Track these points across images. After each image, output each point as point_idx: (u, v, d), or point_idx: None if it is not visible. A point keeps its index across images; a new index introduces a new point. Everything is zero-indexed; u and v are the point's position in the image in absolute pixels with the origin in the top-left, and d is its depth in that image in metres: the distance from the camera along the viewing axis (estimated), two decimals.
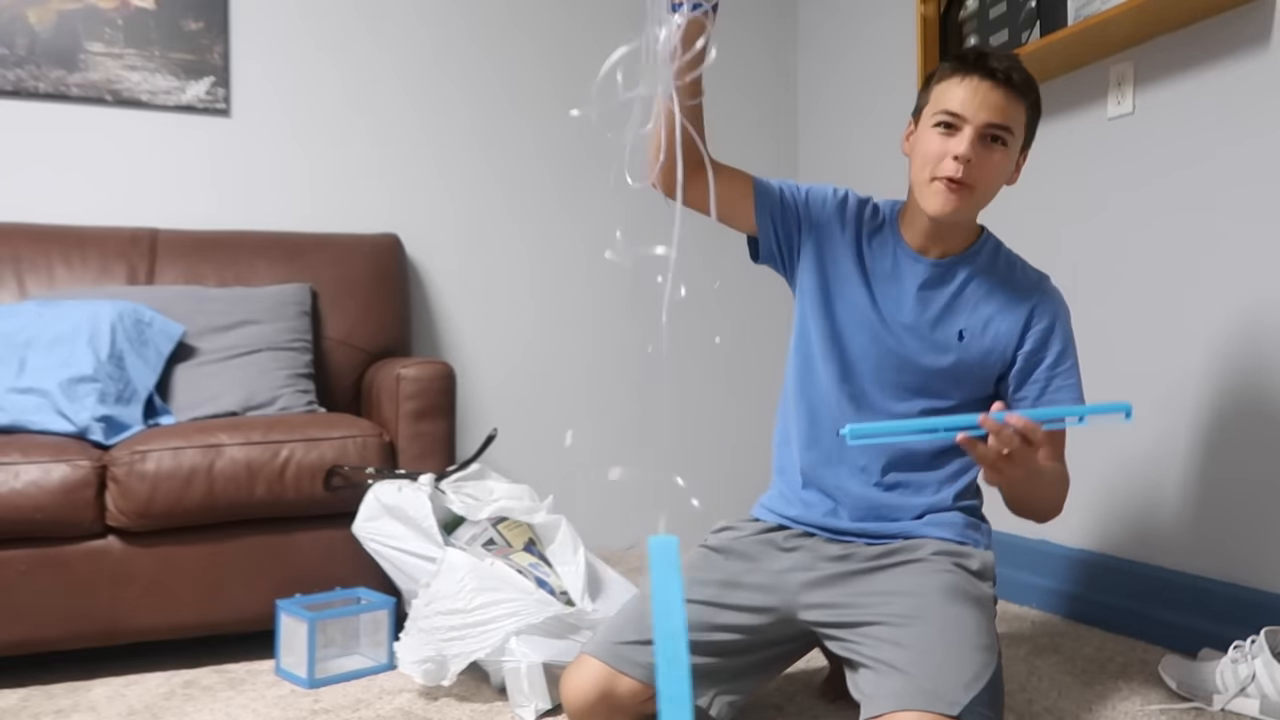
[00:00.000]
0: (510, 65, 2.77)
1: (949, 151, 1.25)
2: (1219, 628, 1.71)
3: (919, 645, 1.13)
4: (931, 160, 1.27)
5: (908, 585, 1.24)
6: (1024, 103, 1.27)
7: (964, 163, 1.24)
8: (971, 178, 1.25)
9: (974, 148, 1.24)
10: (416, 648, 1.55)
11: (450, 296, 2.70)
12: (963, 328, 1.34)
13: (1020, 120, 1.28)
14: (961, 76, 1.25)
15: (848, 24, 2.85)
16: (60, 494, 1.63)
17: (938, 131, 1.26)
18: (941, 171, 1.25)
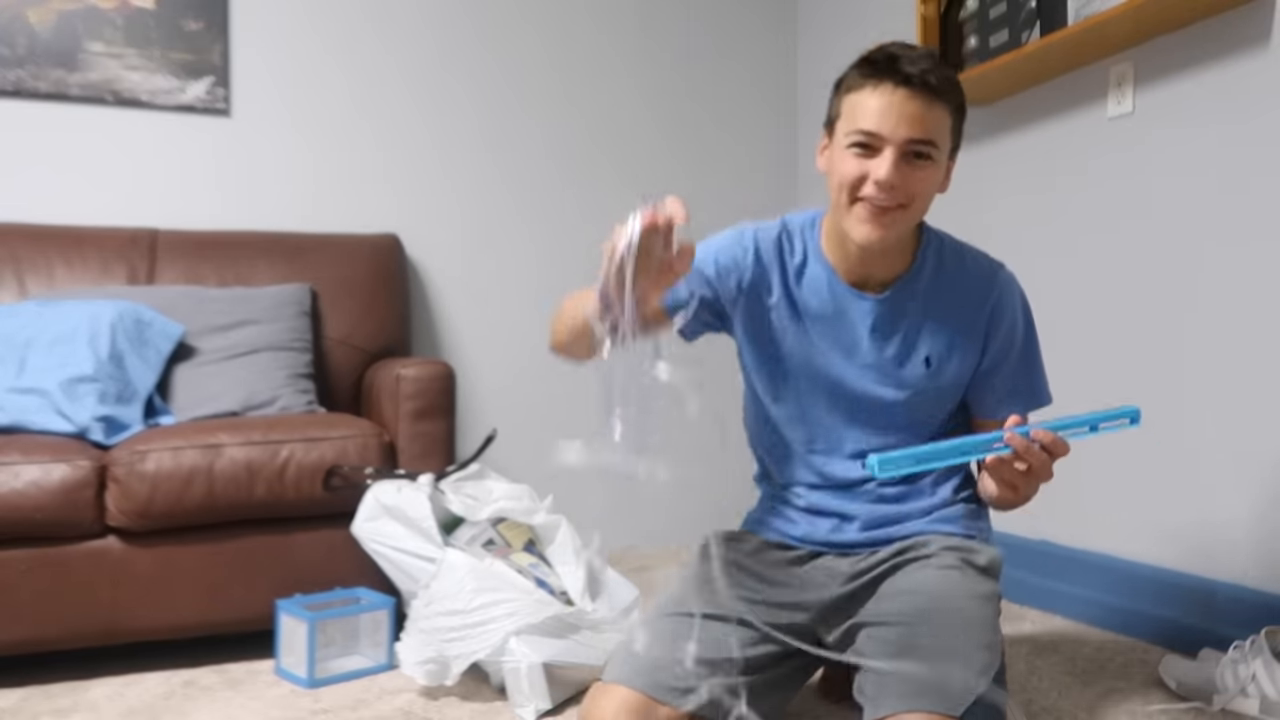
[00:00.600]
0: (510, 65, 2.77)
1: (869, 174, 1.13)
2: (1219, 628, 1.71)
3: (921, 645, 1.13)
4: (851, 183, 1.15)
5: (912, 584, 1.23)
6: (947, 107, 1.14)
7: (888, 188, 1.12)
8: (900, 199, 1.14)
9: (897, 169, 1.12)
10: (417, 648, 1.55)
11: (450, 296, 2.70)
12: (928, 354, 1.26)
13: (945, 127, 1.15)
14: (874, 86, 1.12)
15: (848, 24, 2.85)
16: (60, 494, 1.63)
17: (854, 152, 1.14)
18: (864, 194, 1.14)
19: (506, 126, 2.76)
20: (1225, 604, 1.73)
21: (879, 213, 1.14)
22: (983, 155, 2.35)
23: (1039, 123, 2.18)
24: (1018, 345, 1.29)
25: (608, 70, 2.88)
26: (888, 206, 1.14)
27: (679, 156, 2.95)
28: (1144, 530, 1.92)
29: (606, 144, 2.87)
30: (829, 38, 2.94)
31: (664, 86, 2.94)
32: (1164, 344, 1.88)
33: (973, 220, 2.37)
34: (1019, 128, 2.23)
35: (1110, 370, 1.99)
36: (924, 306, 1.26)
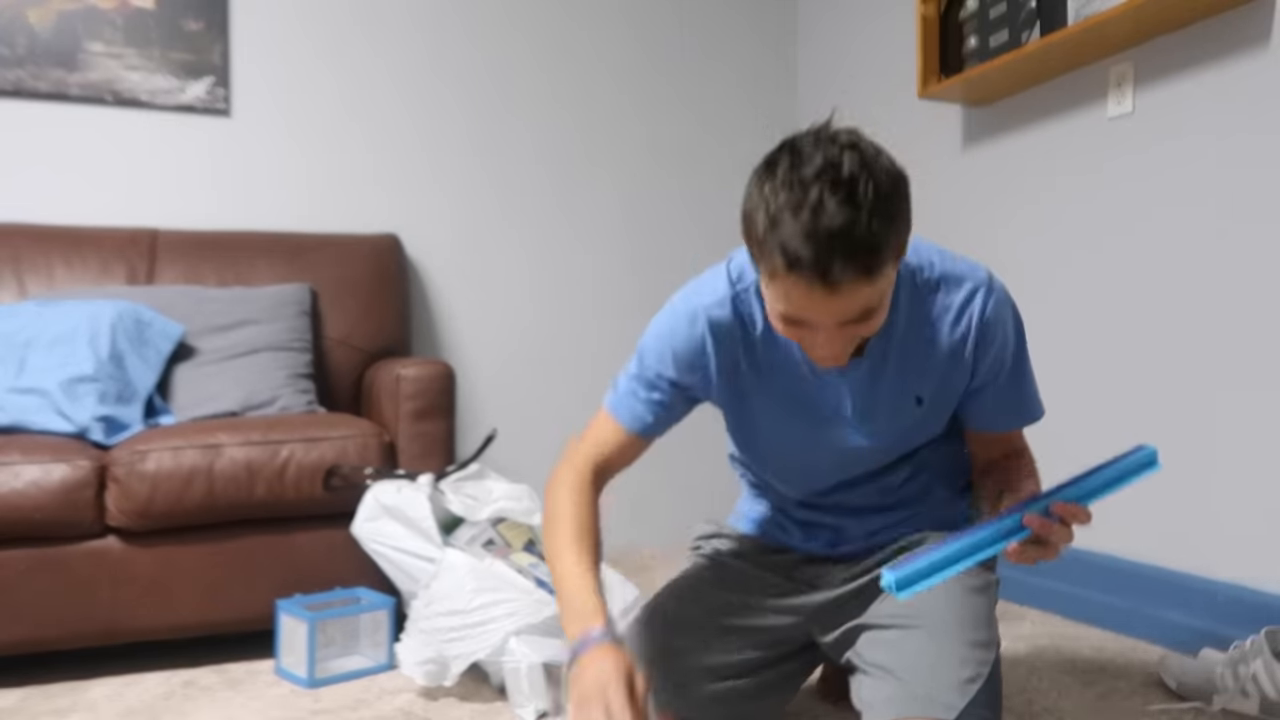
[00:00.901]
0: (510, 66, 2.77)
1: (810, 344, 1.00)
2: (1219, 628, 1.71)
3: (913, 648, 1.12)
4: (792, 338, 1.01)
5: None
6: (883, 268, 0.93)
7: (833, 360, 1.00)
8: (852, 346, 1.01)
9: (839, 343, 0.98)
10: (418, 649, 1.55)
11: (450, 296, 2.70)
12: (918, 394, 1.16)
13: (875, 289, 0.94)
14: (788, 285, 0.93)
15: (848, 24, 2.85)
16: (60, 494, 1.63)
17: (783, 323, 0.99)
18: (813, 355, 1.02)
19: (507, 127, 2.76)
20: (1225, 604, 1.73)
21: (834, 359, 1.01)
22: (983, 155, 2.35)
23: (1039, 123, 2.18)
24: (1008, 363, 1.17)
25: (606, 71, 2.88)
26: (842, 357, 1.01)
27: (677, 158, 2.95)
28: (1144, 530, 1.92)
29: (605, 145, 2.87)
30: (829, 40, 2.94)
31: (663, 88, 2.94)
32: (1163, 343, 1.88)
33: (972, 221, 2.37)
34: (1019, 128, 2.23)
35: (1110, 372, 1.99)
36: (903, 353, 1.14)
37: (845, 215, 0.89)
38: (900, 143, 2.62)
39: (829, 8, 2.95)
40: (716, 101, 2.99)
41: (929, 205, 2.52)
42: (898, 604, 1.19)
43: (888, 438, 1.19)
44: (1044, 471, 1.23)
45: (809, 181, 0.90)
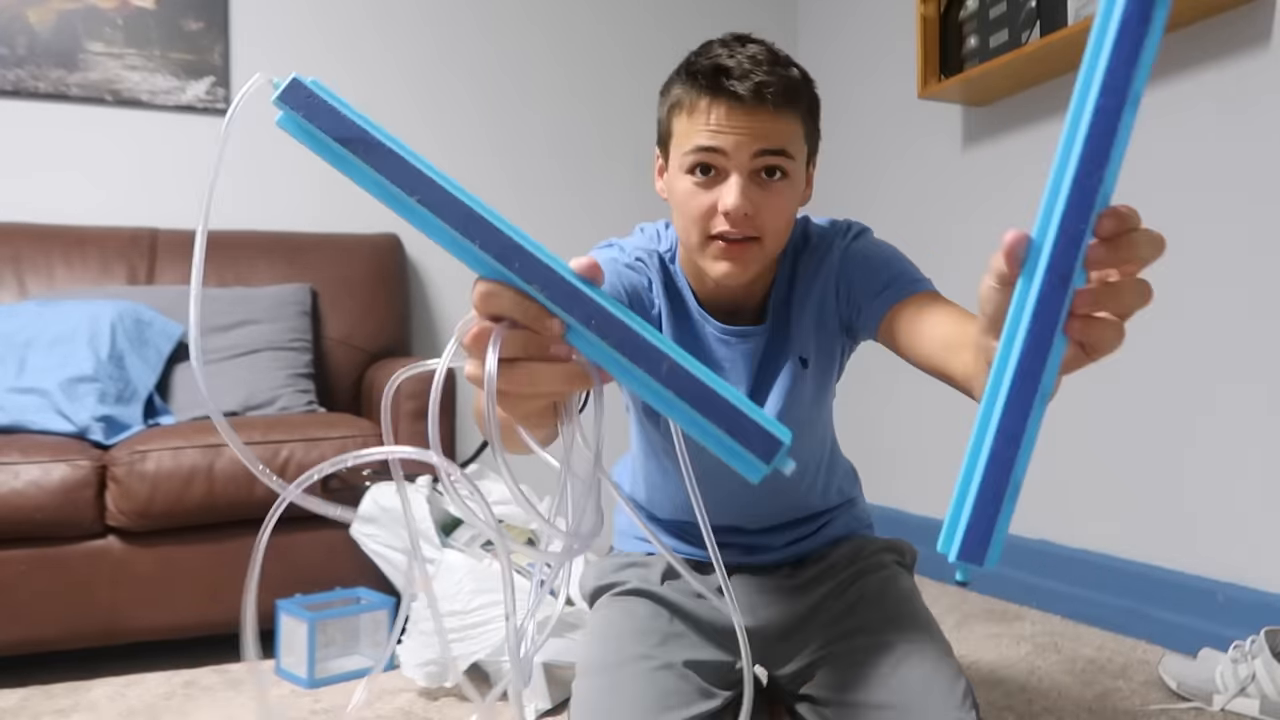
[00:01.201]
0: (511, 65, 2.77)
1: (717, 205, 0.95)
2: (1219, 628, 1.71)
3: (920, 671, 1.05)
4: (699, 219, 0.96)
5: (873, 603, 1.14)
6: (795, 112, 0.96)
7: (740, 218, 0.94)
8: (756, 228, 0.96)
9: (748, 194, 0.94)
10: (418, 650, 1.56)
11: (450, 296, 2.70)
12: (802, 354, 1.10)
13: (797, 134, 0.97)
14: (705, 105, 0.93)
15: (847, 24, 2.85)
16: (60, 494, 1.63)
17: (695, 178, 0.96)
18: (715, 230, 0.96)
19: (508, 126, 2.76)
20: (1225, 604, 1.73)
21: (737, 249, 0.96)
22: (983, 155, 2.35)
23: (1039, 123, 2.18)
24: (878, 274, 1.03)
25: (608, 70, 2.88)
26: (745, 238, 0.96)
27: None
28: (1144, 530, 1.92)
29: (607, 144, 2.87)
30: (829, 39, 2.94)
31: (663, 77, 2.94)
32: (1162, 342, 1.88)
33: (972, 221, 2.37)
34: (1019, 128, 2.23)
35: (1109, 370, 1.99)
36: (795, 315, 1.09)
37: (767, 49, 0.96)
38: (900, 143, 2.62)
39: (829, 8, 2.95)
40: None
41: (929, 205, 2.52)
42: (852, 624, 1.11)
43: (775, 406, 1.10)
44: (1044, 468, 1.21)
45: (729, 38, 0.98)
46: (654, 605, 1.15)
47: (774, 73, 0.94)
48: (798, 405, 1.11)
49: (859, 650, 1.10)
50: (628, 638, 1.10)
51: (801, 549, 1.24)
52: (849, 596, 1.18)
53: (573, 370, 0.52)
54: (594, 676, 1.08)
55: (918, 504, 2.53)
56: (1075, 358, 0.55)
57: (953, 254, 2.43)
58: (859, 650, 1.10)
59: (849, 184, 2.79)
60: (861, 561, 1.21)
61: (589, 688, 1.07)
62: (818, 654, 1.14)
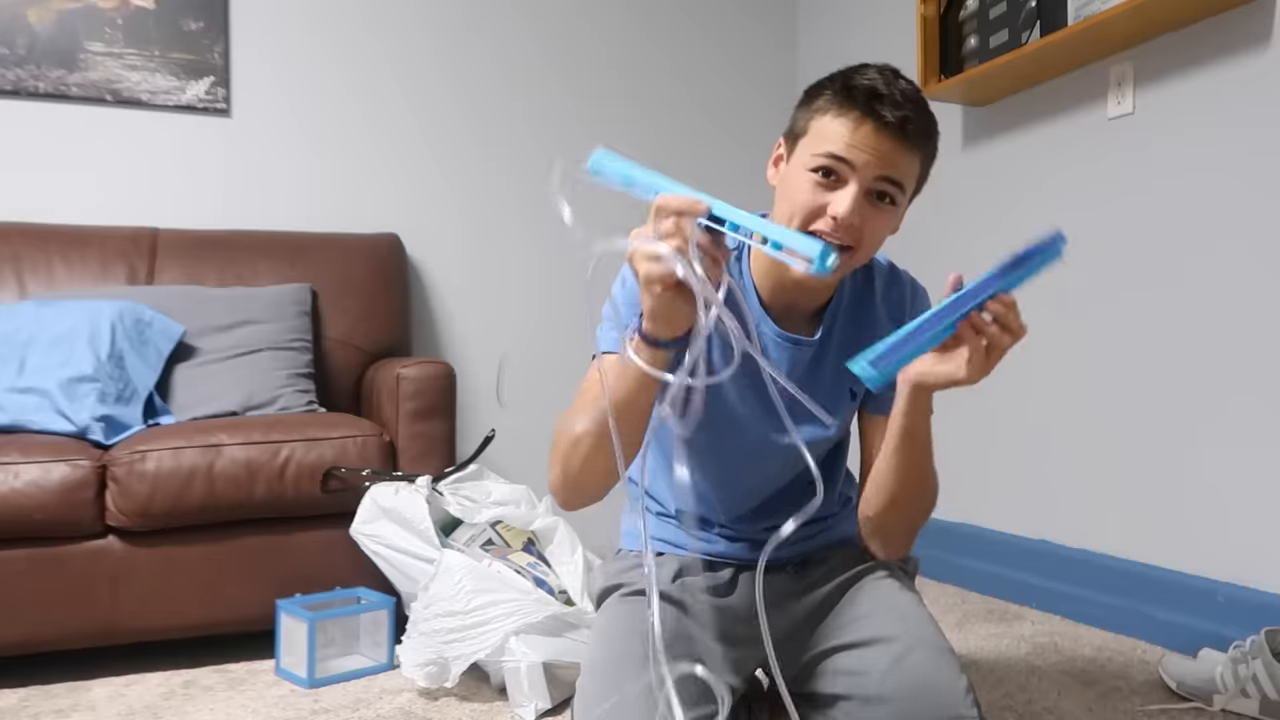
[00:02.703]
0: (511, 65, 2.77)
1: (828, 208, 1.02)
2: (1219, 628, 1.71)
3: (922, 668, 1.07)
4: (805, 211, 1.03)
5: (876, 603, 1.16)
6: (920, 154, 1.08)
7: (845, 227, 1.01)
8: (854, 239, 1.03)
9: (859, 208, 1.02)
10: (418, 651, 1.55)
11: (450, 296, 2.70)
12: (852, 386, 1.17)
13: (914, 172, 1.07)
14: (850, 117, 1.02)
15: (848, 24, 2.85)
16: (60, 494, 1.63)
17: (815, 177, 1.03)
18: (817, 228, 1.03)
19: (507, 126, 2.76)
20: (1225, 604, 1.73)
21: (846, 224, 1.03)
22: (983, 155, 2.34)
23: (1039, 123, 2.18)
24: None
25: (607, 71, 2.88)
26: (841, 246, 1.03)
27: (678, 158, 2.95)
28: (1143, 530, 1.92)
29: (606, 143, 2.87)
30: (829, 39, 2.93)
31: (663, 88, 2.94)
32: (1162, 342, 1.88)
33: (972, 221, 2.37)
34: (1019, 128, 2.23)
35: (1109, 370, 1.99)
36: (846, 337, 1.16)
37: (917, 91, 1.05)
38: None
39: (829, 8, 2.95)
40: (718, 102, 2.99)
41: (929, 205, 2.52)
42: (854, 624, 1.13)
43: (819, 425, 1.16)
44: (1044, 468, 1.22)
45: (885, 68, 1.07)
46: (661, 605, 1.15)
47: (918, 114, 1.05)
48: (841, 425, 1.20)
49: (860, 647, 1.11)
50: (633, 638, 1.10)
51: (806, 548, 1.25)
52: (851, 597, 1.20)
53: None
54: (598, 676, 1.08)
55: None
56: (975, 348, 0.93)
57: (952, 254, 2.42)
58: (860, 647, 1.11)
59: None
60: (864, 564, 1.23)
61: (592, 687, 1.08)
62: (820, 652, 1.15)
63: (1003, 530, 2.26)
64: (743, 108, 3.01)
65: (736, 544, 1.25)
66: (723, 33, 3.01)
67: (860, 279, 1.21)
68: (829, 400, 1.17)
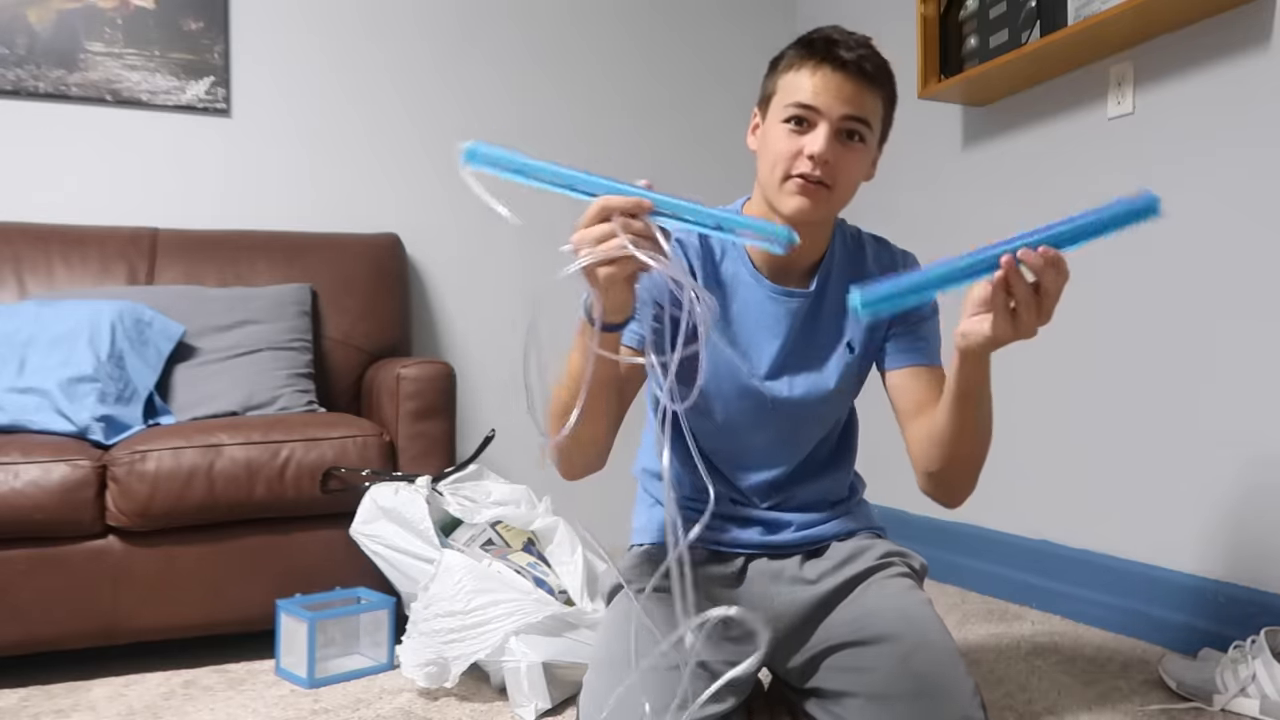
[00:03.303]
0: (510, 65, 2.77)
1: (804, 149, 1.12)
2: (1219, 628, 1.71)
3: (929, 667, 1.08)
4: (784, 159, 1.13)
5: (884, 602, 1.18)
6: (880, 94, 1.15)
7: (820, 162, 1.11)
8: (830, 177, 1.12)
9: (831, 145, 1.11)
10: (418, 651, 1.55)
11: (450, 296, 2.70)
12: (849, 339, 1.24)
13: (877, 112, 1.16)
14: (813, 67, 1.12)
15: (848, 24, 2.84)
16: (60, 494, 1.63)
17: (789, 127, 1.13)
18: (797, 170, 1.12)
19: (507, 126, 2.76)
20: (1225, 604, 1.73)
21: (810, 189, 1.12)
22: (983, 155, 2.35)
23: (1039, 123, 2.18)
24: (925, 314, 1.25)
25: (606, 70, 2.88)
26: (821, 181, 1.12)
27: (677, 159, 2.95)
28: (1143, 530, 1.92)
29: (605, 144, 2.87)
30: None
31: (663, 91, 2.94)
32: (1162, 342, 1.88)
33: (972, 221, 2.37)
34: (1019, 128, 2.23)
35: (1109, 370, 1.99)
36: (839, 294, 1.23)
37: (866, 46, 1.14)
38: (900, 143, 2.62)
39: (829, 8, 2.95)
40: (717, 104, 2.99)
41: (929, 205, 2.52)
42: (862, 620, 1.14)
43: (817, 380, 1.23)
44: (1044, 468, 1.23)
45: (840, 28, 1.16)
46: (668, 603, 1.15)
47: (873, 54, 1.14)
48: (842, 381, 1.24)
49: (868, 645, 1.12)
50: (640, 635, 1.12)
51: (815, 534, 1.28)
52: (859, 594, 1.21)
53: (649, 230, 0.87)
54: (605, 672, 1.10)
55: (918, 504, 2.53)
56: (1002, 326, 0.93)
57: (952, 254, 2.42)
58: (868, 645, 1.12)
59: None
60: (872, 560, 1.25)
61: (599, 683, 1.10)
62: (826, 648, 1.17)
63: (1003, 530, 2.26)
64: (742, 111, 3.01)
65: (748, 530, 1.27)
66: (721, 36, 3.01)
67: (850, 241, 1.28)
68: (825, 351, 1.23)
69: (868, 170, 1.20)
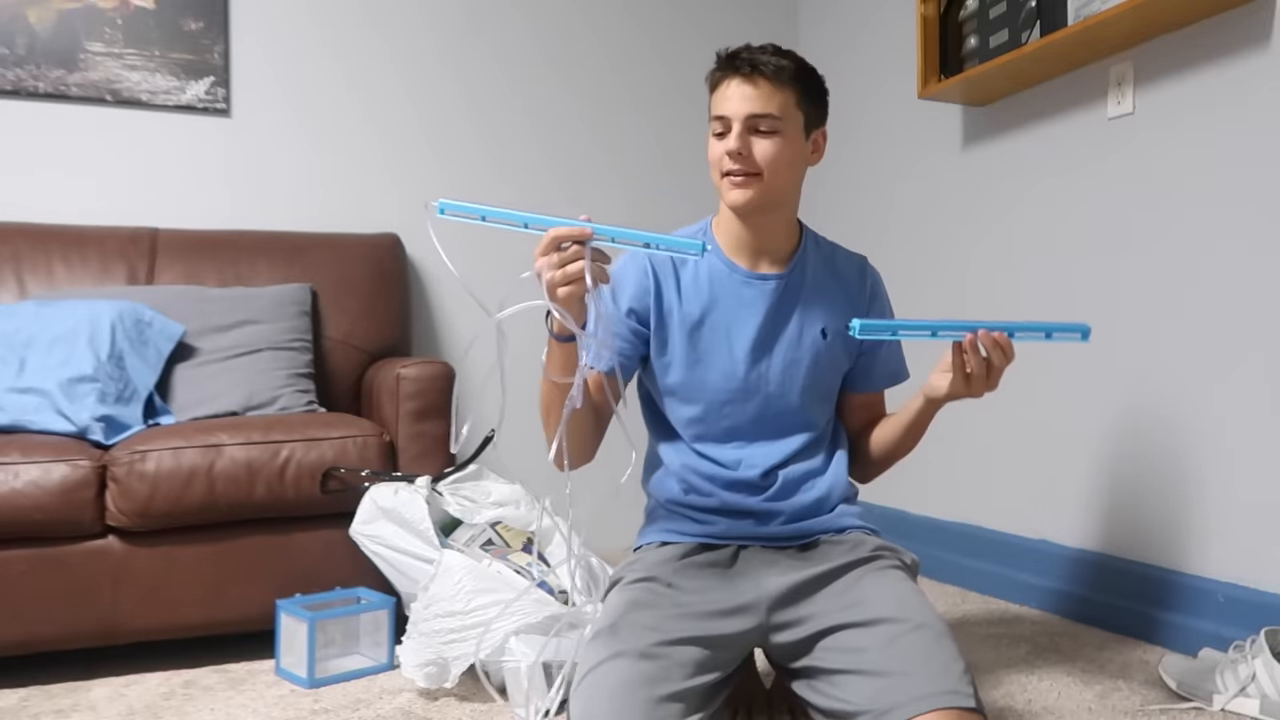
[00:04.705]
0: (510, 65, 2.77)
1: (724, 149, 1.30)
2: (1219, 628, 1.71)
3: (920, 646, 1.12)
4: (716, 162, 1.33)
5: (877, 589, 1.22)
6: (786, 87, 1.30)
7: (736, 156, 1.28)
8: (752, 166, 1.29)
9: (743, 141, 1.28)
10: (418, 651, 1.55)
11: (450, 296, 2.70)
12: (823, 326, 1.38)
13: (789, 103, 1.30)
14: (722, 80, 1.32)
15: (848, 24, 2.85)
16: (60, 494, 1.63)
17: (715, 136, 1.33)
18: (725, 169, 1.31)
19: (507, 126, 2.76)
20: (1225, 604, 1.73)
21: (740, 180, 1.30)
22: (983, 155, 2.35)
23: (1039, 123, 2.18)
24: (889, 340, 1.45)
25: (608, 70, 2.88)
26: (745, 173, 1.29)
27: (679, 158, 2.95)
28: (1144, 530, 1.92)
29: (605, 144, 2.87)
30: (830, 40, 2.93)
31: (665, 87, 2.94)
32: (1163, 342, 1.88)
33: (972, 221, 2.37)
34: (1019, 128, 2.23)
35: (1110, 369, 1.99)
36: (814, 284, 1.39)
37: (776, 48, 1.31)
38: (900, 143, 2.62)
39: (829, 8, 2.95)
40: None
41: (929, 205, 2.52)
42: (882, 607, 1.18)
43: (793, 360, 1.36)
44: (1044, 469, 1.24)
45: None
46: (659, 587, 1.25)
47: (769, 60, 1.29)
48: (817, 364, 1.37)
49: (863, 626, 1.17)
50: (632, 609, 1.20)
51: (806, 527, 1.34)
52: (853, 581, 1.26)
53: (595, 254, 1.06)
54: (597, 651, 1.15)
55: (918, 504, 2.53)
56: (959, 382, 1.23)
57: (952, 254, 2.43)
58: (863, 626, 1.17)
59: (849, 184, 2.79)
60: (864, 552, 1.30)
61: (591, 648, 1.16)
62: (820, 630, 1.21)
63: (1003, 530, 2.26)
64: None
65: (741, 522, 1.34)
66: (723, 34, 3.01)
67: (823, 246, 1.45)
68: (800, 331, 1.37)
69: (800, 153, 1.34)
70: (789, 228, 1.39)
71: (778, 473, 1.35)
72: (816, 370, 1.37)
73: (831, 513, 1.36)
